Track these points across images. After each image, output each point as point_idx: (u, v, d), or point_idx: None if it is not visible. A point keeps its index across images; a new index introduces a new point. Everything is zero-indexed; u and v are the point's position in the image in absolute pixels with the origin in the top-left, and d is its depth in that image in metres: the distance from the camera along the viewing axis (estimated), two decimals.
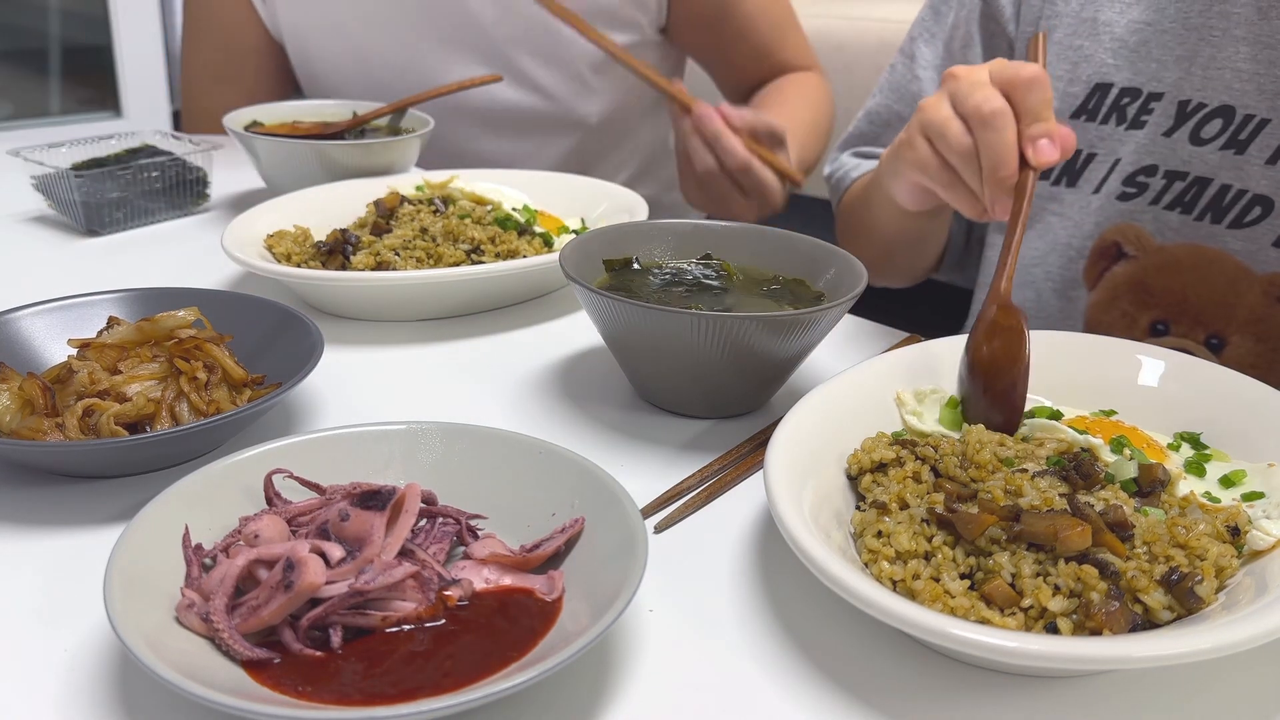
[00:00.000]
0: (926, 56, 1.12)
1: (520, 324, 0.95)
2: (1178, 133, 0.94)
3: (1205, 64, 0.92)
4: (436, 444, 0.63)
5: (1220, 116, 0.92)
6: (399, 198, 1.06)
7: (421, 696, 0.48)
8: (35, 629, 0.56)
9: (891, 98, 1.15)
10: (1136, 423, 0.69)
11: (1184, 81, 0.94)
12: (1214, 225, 0.93)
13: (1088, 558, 0.53)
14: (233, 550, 0.55)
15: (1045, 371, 0.71)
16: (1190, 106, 0.93)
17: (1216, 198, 0.93)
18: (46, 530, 0.64)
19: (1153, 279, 0.96)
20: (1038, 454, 0.64)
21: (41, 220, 1.19)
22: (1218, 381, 0.69)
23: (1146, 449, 0.65)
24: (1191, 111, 0.93)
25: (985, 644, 0.47)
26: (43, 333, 0.78)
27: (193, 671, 0.47)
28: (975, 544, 0.56)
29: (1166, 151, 0.95)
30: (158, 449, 0.67)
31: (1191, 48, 0.93)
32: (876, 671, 0.54)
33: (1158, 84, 0.95)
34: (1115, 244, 0.98)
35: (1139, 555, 0.54)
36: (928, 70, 1.11)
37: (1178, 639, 0.47)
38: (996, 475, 0.60)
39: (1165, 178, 0.95)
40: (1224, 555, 0.55)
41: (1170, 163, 0.95)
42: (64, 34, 3.01)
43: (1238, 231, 0.92)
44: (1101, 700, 0.52)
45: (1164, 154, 0.95)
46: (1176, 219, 0.95)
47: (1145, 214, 0.97)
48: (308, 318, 0.77)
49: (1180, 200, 0.95)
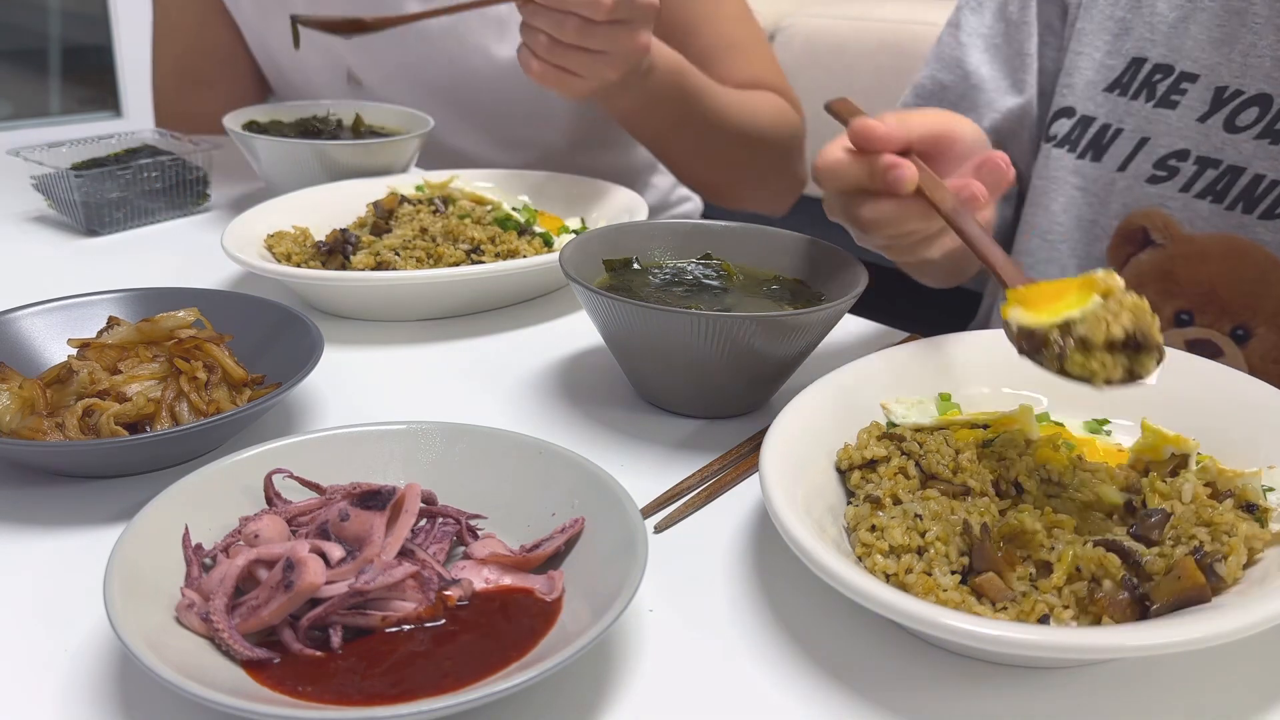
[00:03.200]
0: (973, 24, 1.08)
1: (520, 324, 0.95)
2: (1212, 119, 0.92)
3: (1245, 50, 0.90)
4: (436, 444, 0.63)
5: (1257, 105, 0.90)
6: (397, 198, 1.06)
7: (421, 697, 0.48)
8: (35, 629, 0.56)
9: (937, 68, 1.10)
10: (1134, 424, 0.69)
11: (1221, 66, 0.92)
12: (1245, 215, 0.91)
13: (1114, 545, 0.54)
14: (233, 550, 0.55)
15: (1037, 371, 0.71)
16: (1227, 93, 0.91)
17: (1249, 187, 0.91)
18: (46, 530, 0.64)
19: (1180, 269, 0.94)
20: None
21: (41, 220, 1.19)
22: (1220, 382, 0.69)
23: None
24: (1229, 98, 0.91)
25: (977, 634, 0.48)
26: (43, 333, 0.78)
27: (193, 672, 0.47)
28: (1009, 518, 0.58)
29: (1199, 137, 0.93)
30: (157, 449, 0.67)
31: (1232, 31, 0.91)
32: (875, 669, 0.54)
33: (1193, 64, 0.93)
34: (1142, 229, 0.96)
35: (1165, 540, 0.55)
36: (973, 38, 1.08)
37: (1166, 629, 0.48)
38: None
39: (1197, 164, 0.93)
40: (1253, 535, 0.55)
41: (1203, 149, 0.93)
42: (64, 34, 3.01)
43: (1270, 223, 0.90)
44: (1099, 691, 0.53)
45: (1197, 139, 0.93)
46: (1207, 207, 0.93)
47: (1175, 200, 0.95)
48: (307, 318, 0.77)
49: (1212, 189, 0.93)
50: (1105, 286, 0.59)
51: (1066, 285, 0.60)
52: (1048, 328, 0.58)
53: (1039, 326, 0.59)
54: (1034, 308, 0.60)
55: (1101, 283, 0.59)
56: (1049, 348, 0.58)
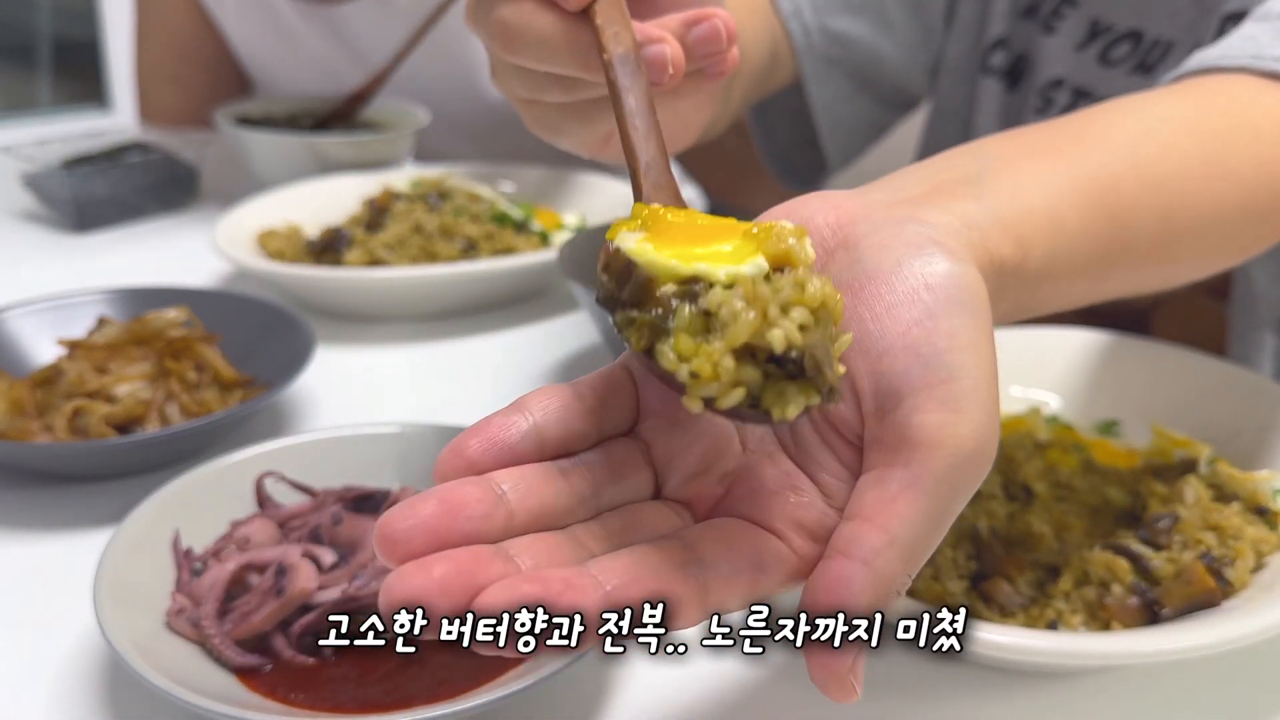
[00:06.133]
0: None
1: (517, 323, 0.94)
2: (1088, 49, 0.87)
3: None
4: (431, 446, 0.62)
5: (1129, 40, 0.85)
6: (390, 196, 1.05)
7: (415, 705, 0.47)
8: (23, 634, 0.55)
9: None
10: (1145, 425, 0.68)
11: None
12: None
13: (1123, 549, 0.53)
14: (223, 554, 0.55)
15: (1048, 371, 0.70)
16: (1100, 26, 0.87)
17: None
18: (35, 533, 0.63)
19: None
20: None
21: (30, 218, 1.18)
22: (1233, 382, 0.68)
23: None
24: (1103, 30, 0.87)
25: (987, 641, 0.47)
26: (31, 332, 0.77)
27: (183, 678, 0.46)
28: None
29: (1074, 67, 0.88)
30: (147, 451, 0.66)
31: None
32: (881, 674, 0.53)
33: None
34: None
35: (1173, 545, 0.54)
36: None
37: (1176, 635, 0.47)
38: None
39: (1073, 95, 0.88)
40: (1262, 539, 0.55)
41: (1076, 79, 0.88)
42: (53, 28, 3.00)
43: None
44: (1107, 696, 0.52)
45: (1070, 69, 0.88)
46: None
47: None
48: (300, 316, 0.76)
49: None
50: (784, 252, 0.35)
51: (730, 229, 0.36)
52: (664, 274, 0.35)
53: (651, 267, 0.35)
54: (664, 241, 0.36)
55: (779, 243, 0.35)
56: (646, 306, 0.35)
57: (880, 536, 0.33)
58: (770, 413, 0.33)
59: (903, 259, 0.36)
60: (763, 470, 0.37)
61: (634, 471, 0.37)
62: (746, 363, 0.33)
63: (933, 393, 0.34)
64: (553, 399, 0.37)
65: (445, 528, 0.32)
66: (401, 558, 0.32)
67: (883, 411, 0.35)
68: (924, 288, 0.36)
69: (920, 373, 0.34)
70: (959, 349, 0.35)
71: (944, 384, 0.34)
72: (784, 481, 0.37)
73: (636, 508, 0.37)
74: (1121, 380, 0.71)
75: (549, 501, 0.35)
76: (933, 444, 0.34)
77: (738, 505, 0.37)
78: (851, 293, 0.37)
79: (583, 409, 0.37)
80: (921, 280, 0.36)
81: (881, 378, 0.35)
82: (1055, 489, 0.60)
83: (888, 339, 0.35)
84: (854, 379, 0.36)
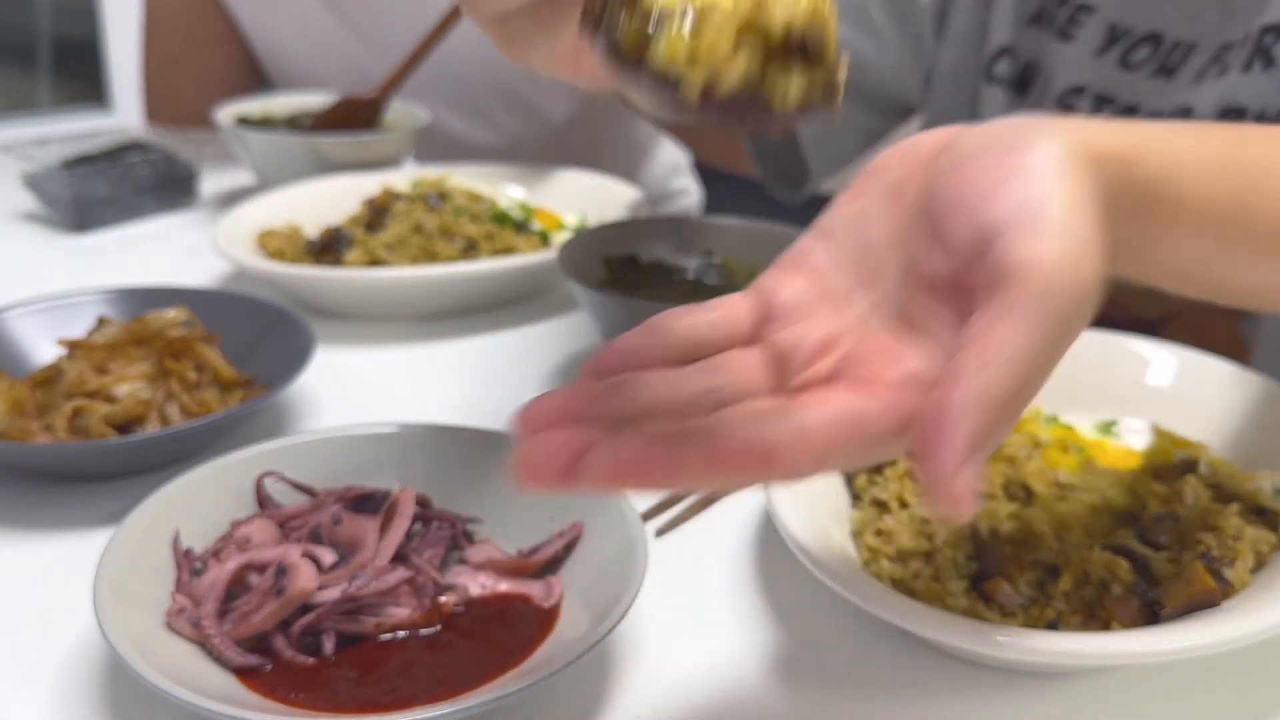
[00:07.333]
0: None
1: (518, 322, 0.94)
2: (1108, 55, 0.87)
3: None
4: (432, 446, 0.62)
5: (1149, 43, 0.85)
6: (390, 196, 1.05)
7: (416, 705, 0.47)
8: (23, 634, 0.55)
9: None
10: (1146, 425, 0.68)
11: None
12: None
13: (1123, 549, 0.53)
14: (223, 554, 0.54)
15: None
16: (1119, 30, 0.86)
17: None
18: (34, 533, 0.63)
19: None
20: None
21: (29, 217, 1.18)
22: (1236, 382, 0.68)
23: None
24: (1121, 35, 0.86)
25: (988, 641, 0.47)
26: (31, 332, 0.77)
27: (183, 678, 0.46)
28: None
29: (1093, 73, 0.88)
30: (147, 450, 0.66)
31: None
32: (881, 676, 0.53)
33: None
34: None
35: (1174, 545, 0.54)
36: None
37: (1177, 634, 0.47)
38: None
39: (1095, 101, 0.88)
40: (1262, 539, 0.54)
41: (1097, 86, 0.87)
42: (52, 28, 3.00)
43: None
44: (1107, 696, 0.52)
45: (1090, 76, 0.88)
46: None
47: None
48: (300, 316, 0.76)
49: None
50: None
51: None
52: None
53: None
54: None
55: None
56: (634, 7, 0.34)
57: (978, 357, 0.34)
58: (770, 103, 0.33)
59: (998, 136, 0.40)
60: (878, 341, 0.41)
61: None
62: (747, 50, 0.33)
63: (1022, 229, 0.36)
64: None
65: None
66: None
67: (980, 257, 0.38)
68: (1015, 152, 0.39)
69: (1011, 212, 0.37)
70: (1048, 193, 0.37)
71: (1033, 220, 0.37)
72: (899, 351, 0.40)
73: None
74: (1113, 379, 0.70)
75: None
76: (1024, 271, 0.36)
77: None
78: (952, 168, 0.41)
79: None
80: (1014, 148, 0.39)
81: (977, 228, 0.38)
82: (1055, 489, 0.60)
83: (980, 192, 0.39)
84: (952, 236, 0.39)
